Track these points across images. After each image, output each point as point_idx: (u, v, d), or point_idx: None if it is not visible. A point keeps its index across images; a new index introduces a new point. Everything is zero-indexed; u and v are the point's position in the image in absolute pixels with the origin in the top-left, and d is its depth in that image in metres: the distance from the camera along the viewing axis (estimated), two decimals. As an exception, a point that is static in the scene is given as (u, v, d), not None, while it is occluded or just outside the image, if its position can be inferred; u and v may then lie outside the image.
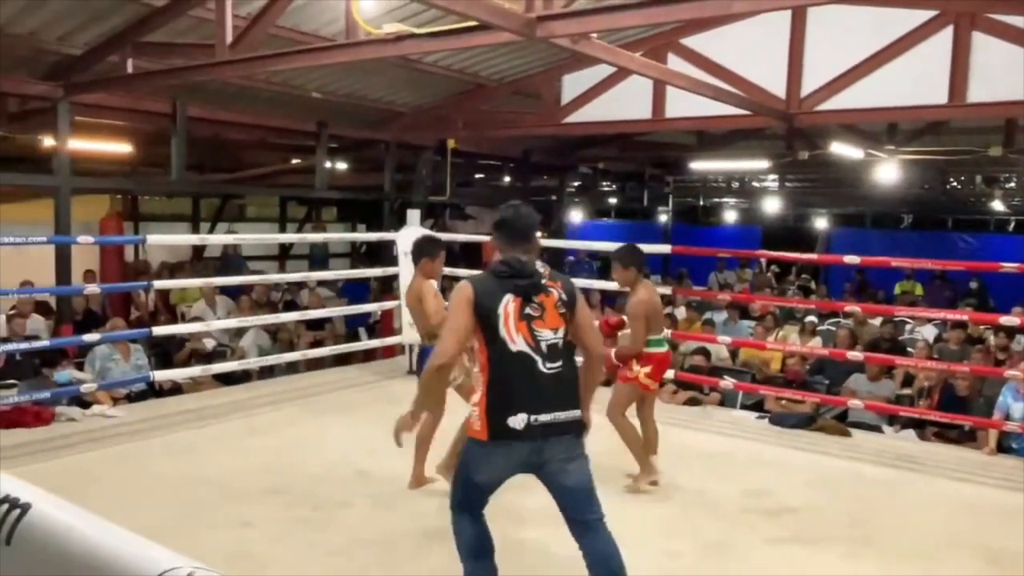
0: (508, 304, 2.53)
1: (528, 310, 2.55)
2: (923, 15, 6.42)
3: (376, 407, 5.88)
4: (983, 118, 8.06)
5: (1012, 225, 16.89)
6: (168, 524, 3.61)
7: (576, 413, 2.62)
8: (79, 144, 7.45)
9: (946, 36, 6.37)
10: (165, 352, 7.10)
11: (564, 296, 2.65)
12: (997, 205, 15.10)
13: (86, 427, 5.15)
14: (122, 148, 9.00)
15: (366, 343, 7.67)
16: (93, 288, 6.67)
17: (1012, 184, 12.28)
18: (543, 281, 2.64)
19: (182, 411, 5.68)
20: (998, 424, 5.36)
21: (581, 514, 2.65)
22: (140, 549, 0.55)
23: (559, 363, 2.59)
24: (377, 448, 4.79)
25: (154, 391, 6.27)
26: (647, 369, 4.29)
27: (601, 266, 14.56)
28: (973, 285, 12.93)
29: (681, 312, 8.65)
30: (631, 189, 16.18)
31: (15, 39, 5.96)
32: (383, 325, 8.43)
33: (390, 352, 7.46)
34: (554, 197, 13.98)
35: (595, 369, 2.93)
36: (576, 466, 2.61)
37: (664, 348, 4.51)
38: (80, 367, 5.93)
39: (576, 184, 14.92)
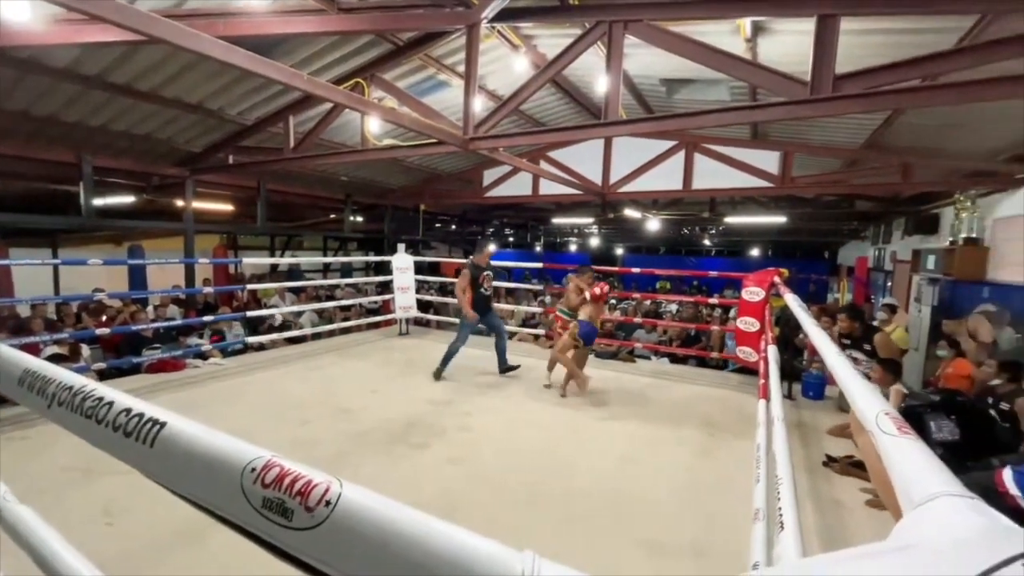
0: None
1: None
2: (671, 143, 6.76)
3: (381, 354, 5.71)
4: (699, 196, 8.55)
5: (714, 252, 17.98)
6: (256, 424, 3.40)
7: None
8: (199, 205, 6.92)
9: (681, 154, 6.72)
10: (254, 326, 6.67)
11: None
12: (707, 242, 16.03)
13: (206, 371, 4.77)
14: (226, 207, 8.39)
15: (375, 318, 7.39)
16: (209, 289, 6.19)
17: (713, 231, 13.05)
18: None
19: (266, 359, 5.34)
20: (707, 354, 5.70)
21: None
22: (233, 444, 0.51)
23: None
24: (380, 378, 4.67)
25: (249, 349, 5.85)
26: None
27: (506, 277, 14.62)
28: (695, 283, 13.68)
29: (548, 299, 8.78)
30: (521, 233, 16.32)
31: (157, 142, 5.48)
32: (384, 308, 8.16)
33: (389, 323, 7.24)
34: (480, 237, 13.94)
35: None
36: None
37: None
38: (218, 335, 5.50)
39: (491, 230, 14.91)
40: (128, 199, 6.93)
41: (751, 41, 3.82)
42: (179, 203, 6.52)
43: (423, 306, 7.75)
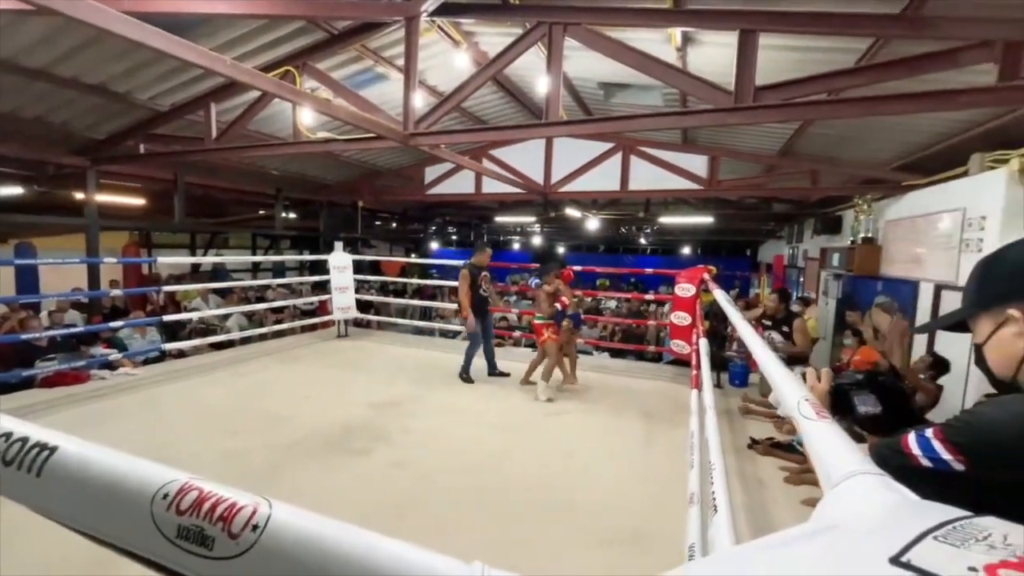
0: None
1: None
2: (608, 145, 6.98)
3: (318, 357, 5.45)
4: (635, 197, 8.91)
5: (649, 250, 18.83)
6: (177, 438, 3.13)
7: None
8: (104, 198, 6.25)
9: (619, 156, 6.97)
10: (173, 331, 6.12)
11: None
12: (642, 240, 16.76)
13: (114, 383, 4.31)
14: (138, 201, 7.62)
15: (311, 320, 7.02)
16: (117, 292, 5.60)
17: (648, 230, 13.68)
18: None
19: (188, 367, 4.91)
20: (644, 348, 5.96)
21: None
22: (141, 467, 0.45)
23: None
24: (317, 383, 4.46)
25: (167, 356, 5.34)
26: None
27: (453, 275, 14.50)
28: (632, 280, 14.26)
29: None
30: (464, 232, 16.20)
31: (50, 127, 4.86)
32: (320, 309, 7.77)
33: (326, 325, 6.93)
34: (421, 236, 13.71)
35: None
36: None
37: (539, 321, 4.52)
38: (110, 345, 4.96)
39: (433, 228, 14.69)
40: (15, 190, 6.10)
41: (681, 51, 4.02)
42: (79, 196, 5.83)
43: (363, 306, 7.48)
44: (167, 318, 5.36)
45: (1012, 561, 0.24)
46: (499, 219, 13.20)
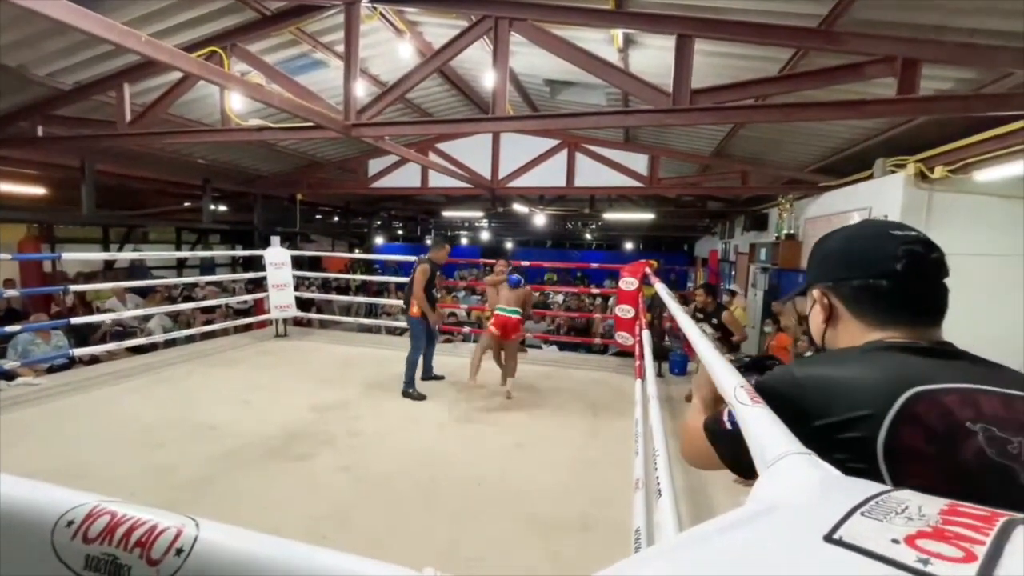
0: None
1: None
2: (555, 142, 7.07)
3: (254, 359, 5.14)
4: (580, 194, 9.10)
5: (594, 245, 19.34)
6: (91, 455, 2.84)
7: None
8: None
9: (564, 152, 7.08)
10: (84, 336, 5.52)
11: None
12: (588, 236, 17.18)
13: (13, 394, 3.83)
14: (35, 190, 6.79)
15: (248, 319, 6.57)
16: (12, 292, 4.96)
17: (593, 226, 14.03)
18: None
19: (101, 374, 4.46)
20: (591, 341, 6.11)
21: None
22: (38, 492, 0.39)
23: None
24: (252, 388, 4.20)
25: (77, 363, 4.81)
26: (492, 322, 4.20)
27: (395, 271, 14.13)
28: (578, 274, 14.59)
29: (439, 293, 8.67)
30: (410, 226, 15.83)
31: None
32: (256, 308, 7.32)
33: (262, 325, 6.54)
34: (365, 230, 13.26)
35: None
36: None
37: (502, 313, 4.19)
38: (3, 353, 4.39)
39: (378, 223, 14.24)
40: None
41: (623, 52, 4.13)
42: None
43: (304, 304, 7.13)
44: (75, 320, 4.84)
45: (927, 531, 0.27)
46: (447, 214, 13.03)
